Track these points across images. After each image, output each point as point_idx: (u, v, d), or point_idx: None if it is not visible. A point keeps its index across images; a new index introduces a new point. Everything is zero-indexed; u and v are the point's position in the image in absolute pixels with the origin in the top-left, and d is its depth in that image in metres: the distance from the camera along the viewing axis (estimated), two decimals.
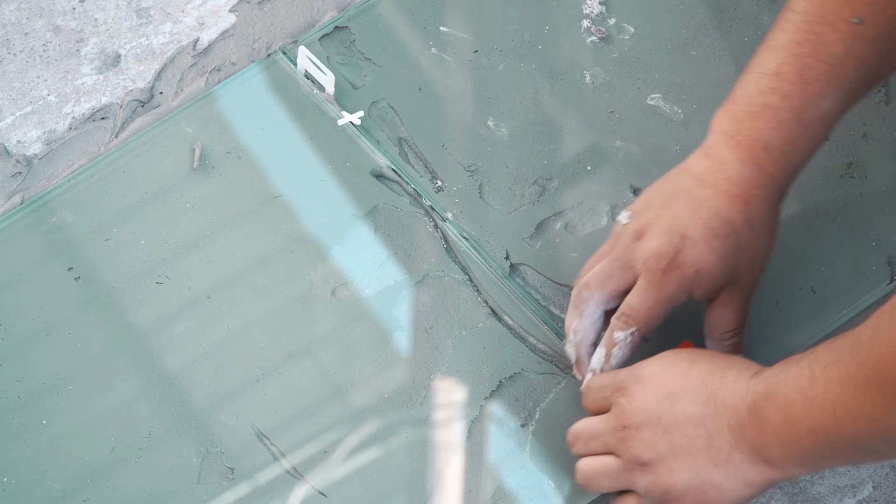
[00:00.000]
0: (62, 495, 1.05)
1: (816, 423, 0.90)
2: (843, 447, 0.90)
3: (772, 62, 1.03)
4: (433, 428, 1.08)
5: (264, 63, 1.24)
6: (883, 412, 0.86)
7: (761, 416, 0.93)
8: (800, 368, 0.91)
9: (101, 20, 1.28)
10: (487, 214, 1.17)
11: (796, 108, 1.02)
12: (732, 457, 0.95)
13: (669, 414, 0.97)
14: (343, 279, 1.14)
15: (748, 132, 1.03)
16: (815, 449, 0.91)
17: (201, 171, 1.19)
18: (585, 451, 1.02)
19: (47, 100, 1.24)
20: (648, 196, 1.06)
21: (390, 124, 1.21)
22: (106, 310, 1.13)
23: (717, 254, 1.02)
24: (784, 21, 1.03)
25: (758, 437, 0.94)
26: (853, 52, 1.01)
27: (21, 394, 1.09)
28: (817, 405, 0.90)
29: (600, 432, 1.00)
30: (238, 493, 1.05)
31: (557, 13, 1.26)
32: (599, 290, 1.04)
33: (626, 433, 0.99)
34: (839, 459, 0.93)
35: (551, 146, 1.20)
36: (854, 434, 0.88)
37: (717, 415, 0.96)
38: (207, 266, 1.15)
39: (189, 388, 1.09)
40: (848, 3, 1.00)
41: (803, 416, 0.91)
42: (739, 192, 1.03)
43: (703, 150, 1.05)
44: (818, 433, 0.90)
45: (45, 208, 1.18)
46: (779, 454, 0.93)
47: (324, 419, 1.08)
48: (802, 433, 0.91)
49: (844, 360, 0.88)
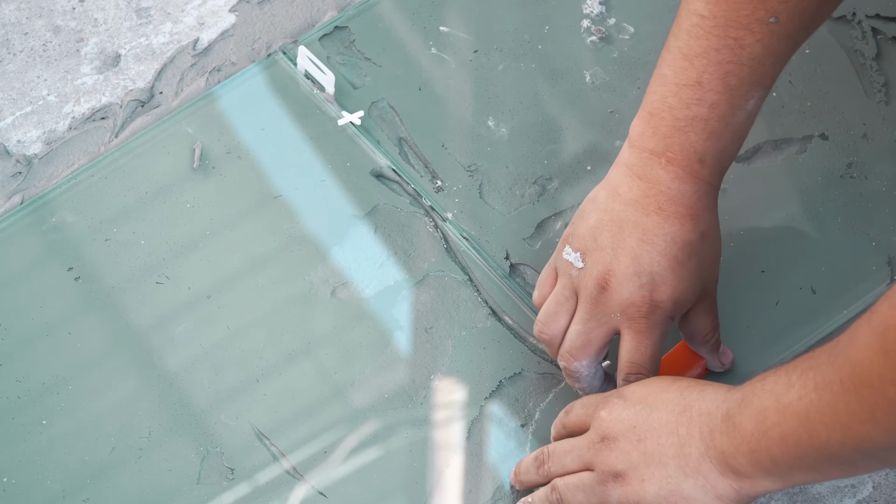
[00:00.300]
0: (62, 495, 1.05)
1: (788, 431, 0.88)
2: (814, 457, 0.88)
3: (691, 72, 1.00)
4: (433, 428, 1.08)
5: (264, 63, 1.24)
6: (857, 419, 0.84)
7: (733, 422, 0.92)
8: (777, 377, 0.90)
9: (101, 20, 1.28)
10: (487, 214, 1.17)
11: (725, 116, 1.00)
12: (702, 466, 0.94)
13: (645, 422, 0.97)
14: (343, 279, 1.14)
15: (679, 147, 1.01)
16: (785, 458, 0.89)
17: (201, 171, 1.19)
18: (558, 468, 1.01)
19: (47, 100, 1.24)
20: (591, 231, 1.03)
21: (390, 124, 1.21)
22: (106, 310, 1.13)
23: (687, 279, 1.02)
24: (694, 27, 0.99)
25: (727, 445, 0.92)
26: (771, 51, 0.99)
27: (21, 394, 1.09)
28: (790, 412, 0.88)
29: (577, 447, 1.00)
30: (238, 494, 1.05)
31: (557, 13, 1.26)
32: (587, 357, 1.04)
33: (604, 444, 0.98)
34: (809, 471, 0.90)
35: (551, 146, 1.20)
36: (826, 443, 0.86)
37: (690, 423, 0.95)
38: (207, 266, 1.15)
39: (189, 388, 1.09)
40: (762, 4, 0.97)
41: (775, 423, 0.89)
42: (686, 210, 1.01)
43: (630, 170, 1.02)
44: (789, 441, 0.88)
45: (45, 208, 1.18)
46: (747, 463, 0.92)
47: (324, 419, 1.08)
48: (773, 441, 0.89)
49: (821, 366, 0.86)
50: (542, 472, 1.02)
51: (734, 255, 1.15)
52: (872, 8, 1.24)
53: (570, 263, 1.03)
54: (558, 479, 1.00)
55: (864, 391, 0.83)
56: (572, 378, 1.05)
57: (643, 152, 1.02)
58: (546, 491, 1.01)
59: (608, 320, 1.02)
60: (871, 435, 0.84)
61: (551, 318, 1.04)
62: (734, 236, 1.15)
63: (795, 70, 1.22)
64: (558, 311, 1.04)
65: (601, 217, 1.02)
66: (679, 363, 1.08)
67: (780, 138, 1.20)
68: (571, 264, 1.03)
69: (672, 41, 1.00)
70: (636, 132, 1.02)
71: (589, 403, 1.02)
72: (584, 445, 0.99)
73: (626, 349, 1.02)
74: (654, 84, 1.02)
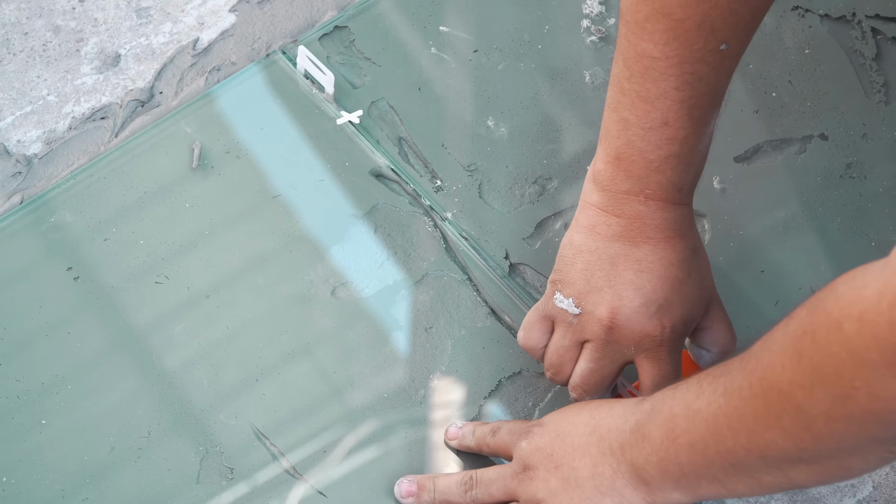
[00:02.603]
0: (61, 495, 1.05)
1: (696, 437, 0.88)
2: (720, 466, 0.87)
3: (655, 114, 0.98)
4: (432, 428, 1.08)
5: (264, 63, 1.24)
6: (763, 424, 0.83)
7: (643, 432, 0.92)
8: (689, 385, 0.90)
9: (101, 20, 1.28)
10: (487, 214, 1.17)
11: (696, 146, 0.99)
12: (616, 483, 0.94)
13: (560, 449, 0.98)
14: (342, 279, 1.14)
15: (657, 184, 1.00)
16: (692, 466, 0.89)
17: (200, 171, 1.19)
18: (484, 496, 1.02)
19: (47, 100, 1.24)
20: (581, 274, 1.02)
21: (390, 124, 1.21)
22: (105, 309, 1.13)
23: (691, 296, 1.01)
24: (647, 69, 0.97)
25: (637, 456, 0.93)
26: (725, 72, 0.98)
27: (20, 393, 1.09)
28: (699, 418, 0.88)
29: (503, 475, 1.01)
30: (237, 493, 1.05)
31: (557, 13, 1.26)
32: (601, 391, 1.04)
33: (525, 473, 0.99)
34: (717, 483, 0.90)
35: (551, 146, 1.20)
36: (732, 449, 0.86)
37: (601, 441, 0.95)
38: (206, 266, 1.15)
39: (188, 387, 1.09)
40: (713, 34, 0.95)
41: (684, 430, 0.89)
42: (674, 232, 1.01)
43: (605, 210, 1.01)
44: (696, 448, 0.88)
45: (45, 208, 1.18)
46: (656, 473, 0.92)
47: (323, 419, 1.08)
48: (682, 448, 0.89)
49: (733, 372, 0.86)
50: (468, 498, 1.02)
51: (734, 255, 1.15)
52: (872, 8, 1.24)
53: (564, 311, 1.02)
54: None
55: (772, 396, 0.82)
56: None
57: (617, 194, 1.01)
58: None
59: (622, 356, 1.02)
60: (776, 441, 0.83)
61: (558, 368, 1.04)
62: (734, 236, 1.15)
63: (795, 70, 1.22)
64: (563, 361, 1.04)
65: (588, 259, 1.02)
66: None
67: (779, 138, 1.20)
68: (566, 311, 1.02)
69: (625, 83, 0.98)
70: (606, 177, 1.01)
71: (514, 431, 1.03)
72: (509, 475, 1.01)
73: (651, 378, 1.02)
74: (616, 128, 1.00)
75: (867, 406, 0.78)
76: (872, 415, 0.79)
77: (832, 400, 0.79)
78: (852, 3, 1.25)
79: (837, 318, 0.78)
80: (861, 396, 0.78)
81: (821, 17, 1.25)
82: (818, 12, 1.25)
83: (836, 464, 0.83)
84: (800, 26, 1.24)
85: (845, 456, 0.82)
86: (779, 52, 1.23)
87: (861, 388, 0.78)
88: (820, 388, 0.80)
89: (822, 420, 0.80)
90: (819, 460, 0.83)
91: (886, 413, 0.78)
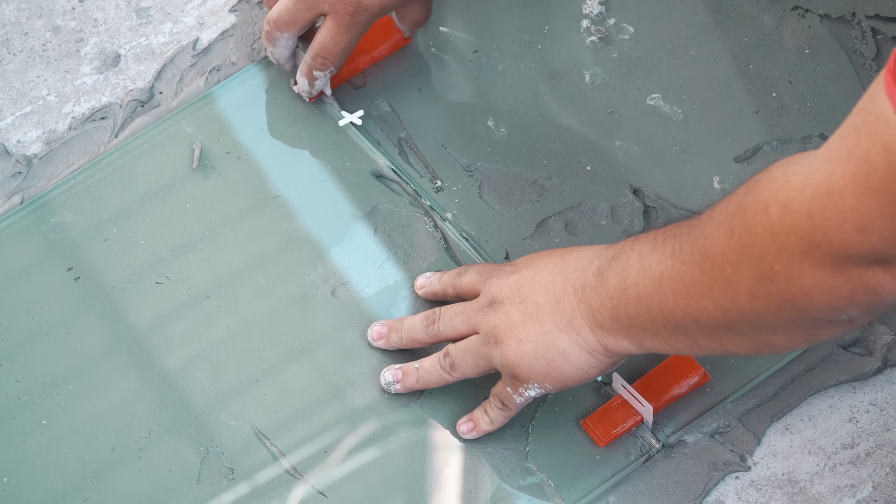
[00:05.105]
0: (62, 495, 1.05)
1: (644, 292, 0.92)
2: (662, 323, 0.92)
3: None
4: (433, 428, 1.08)
5: (264, 63, 1.24)
6: (697, 290, 0.88)
7: (603, 277, 0.96)
8: (647, 239, 0.94)
9: (101, 20, 1.28)
10: (487, 214, 1.17)
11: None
12: (574, 321, 0.98)
13: (528, 284, 1.01)
14: (343, 279, 1.14)
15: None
16: (639, 319, 0.93)
17: (201, 171, 1.19)
18: (447, 329, 1.05)
19: (47, 100, 1.24)
20: None
21: (390, 124, 1.21)
22: (105, 310, 1.13)
23: None
24: None
25: (594, 298, 0.96)
26: None
27: (21, 394, 1.09)
28: (648, 274, 0.92)
29: (468, 309, 1.04)
30: (238, 493, 1.05)
31: (557, 13, 1.26)
32: (290, 31, 1.16)
33: (491, 307, 1.02)
34: (660, 338, 0.94)
35: (551, 146, 1.20)
36: (671, 310, 0.90)
37: (566, 279, 0.99)
38: (207, 266, 1.15)
39: (189, 388, 1.09)
40: None
41: (634, 283, 0.93)
42: None
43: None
44: (643, 302, 0.92)
45: (45, 208, 1.18)
46: (608, 318, 0.95)
47: (323, 419, 1.08)
48: (630, 300, 0.93)
49: (682, 235, 0.90)
50: (431, 331, 1.06)
51: None
52: (872, 8, 1.24)
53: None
54: (451, 345, 1.04)
55: (707, 266, 0.87)
56: (270, 42, 1.17)
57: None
58: (438, 356, 1.05)
59: (317, 5, 1.13)
60: (707, 309, 0.88)
61: None
62: None
63: (795, 70, 1.22)
64: None
65: None
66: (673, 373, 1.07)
67: (779, 138, 1.20)
68: None
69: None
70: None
71: (483, 271, 1.06)
72: (474, 309, 1.04)
73: (323, 34, 1.13)
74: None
75: (784, 290, 0.83)
76: (788, 300, 0.83)
77: (754, 278, 0.84)
78: (852, 3, 1.25)
79: (766, 201, 0.83)
80: (779, 280, 0.83)
81: (821, 17, 1.25)
82: (818, 12, 1.25)
83: (762, 339, 0.88)
84: (800, 26, 1.24)
85: (770, 333, 0.87)
86: (779, 52, 1.23)
87: (780, 273, 0.82)
88: (745, 266, 0.84)
89: (745, 296, 0.85)
90: (747, 332, 0.88)
91: (802, 301, 0.83)
